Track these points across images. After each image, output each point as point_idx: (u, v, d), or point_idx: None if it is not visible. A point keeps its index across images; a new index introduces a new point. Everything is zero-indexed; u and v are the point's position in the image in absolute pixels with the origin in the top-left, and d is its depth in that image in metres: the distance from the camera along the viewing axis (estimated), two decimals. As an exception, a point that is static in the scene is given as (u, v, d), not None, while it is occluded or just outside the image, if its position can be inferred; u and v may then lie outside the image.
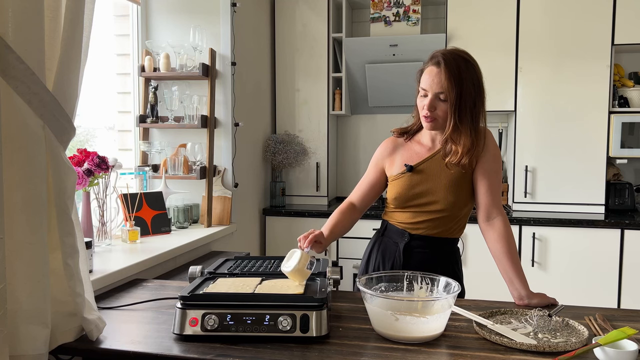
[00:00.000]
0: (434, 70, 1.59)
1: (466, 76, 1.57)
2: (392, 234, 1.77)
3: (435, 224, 1.69)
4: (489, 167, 1.66)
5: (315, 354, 1.22)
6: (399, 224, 1.75)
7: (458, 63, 1.57)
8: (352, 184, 4.01)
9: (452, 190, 1.65)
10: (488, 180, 1.66)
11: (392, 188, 1.74)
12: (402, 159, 1.74)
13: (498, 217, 1.65)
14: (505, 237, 1.62)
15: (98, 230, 2.19)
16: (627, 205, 3.32)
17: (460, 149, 1.60)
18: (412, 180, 1.69)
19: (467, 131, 1.60)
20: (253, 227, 3.40)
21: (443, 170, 1.66)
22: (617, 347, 1.15)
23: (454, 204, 1.67)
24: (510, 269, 1.59)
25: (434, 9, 3.77)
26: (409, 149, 1.75)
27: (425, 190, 1.68)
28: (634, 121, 3.18)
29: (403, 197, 1.70)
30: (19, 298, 1.20)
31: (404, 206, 1.72)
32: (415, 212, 1.70)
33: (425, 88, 1.60)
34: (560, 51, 3.24)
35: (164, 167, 2.80)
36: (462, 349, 1.25)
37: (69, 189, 1.31)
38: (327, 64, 3.60)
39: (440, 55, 1.59)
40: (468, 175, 1.67)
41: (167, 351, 1.24)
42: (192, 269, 1.58)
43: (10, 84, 1.17)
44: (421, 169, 1.69)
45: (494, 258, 1.65)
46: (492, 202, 1.66)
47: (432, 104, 1.59)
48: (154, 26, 2.95)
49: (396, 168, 1.74)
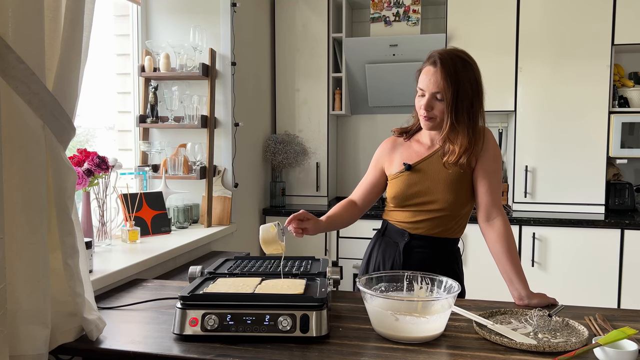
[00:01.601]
0: (430, 70, 1.59)
1: (463, 76, 1.57)
2: (392, 233, 1.77)
3: (435, 224, 1.69)
4: (488, 167, 1.66)
5: (315, 354, 1.22)
6: (399, 223, 1.75)
7: (455, 62, 1.57)
8: (352, 184, 4.01)
9: (451, 189, 1.65)
10: (488, 180, 1.66)
11: (391, 187, 1.74)
12: (401, 158, 1.74)
13: (498, 217, 1.65)
14: (505, 237, 1.62)
15: (98, 230, 2.19)
16: (627, 205, 3.32)
17: (457, 148, 1.60)
18: (411, 179, 1.69)
19: (464, 131, 1.60)
20: (253, 227, 3.40)
21: (442, 169, 1.66)
22: (617, 347, 1.15)
23: (454, 204, 1.66)
24: (510, 269, 1.59)
25: (434, 9, 3.77)
26: (408, 148, 1.76)
27: (424, 190, 1.68)
28: (634, 121, 3.18)
29: (401, 196, 1.70)
30: (19, 298, 1.20)
31: (402, 205, 1.72)
32: (415, 211, 1.70)
33: (423, 88, 1.61)
34: (560, 51, 3.24)
35: (164, 167, 2.80)
36: (462, 349, 1.25)
37: (69, 189, 1.31)
38: (327, 64, 3.60)
39: (437, 55, 1.59)
40: (468, 175, 1.67)
41: (167, 351, 1.24)
42: (192, 269, 1.58)
43: (10, 84, 1.17)
44: (420, 168, 1.69)
45: (494, 258, 1.65)
46: (492, 202, 1.66)
47: (429, 103, 1.60)
48: (154, 26, 2.95)
49: (395, 167, 1.75)
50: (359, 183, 1.85)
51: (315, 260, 1.75)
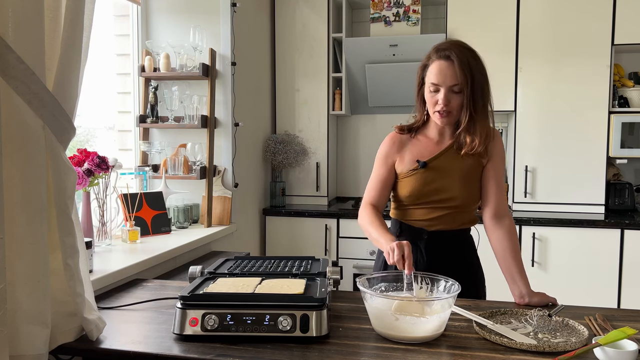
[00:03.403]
0: (443, 64, 1.59)
1: (474, 65, 1.59)
2: (409, 232, 1.74)
3: (451, 219, 1.69)
4: (499, 167, 1.70)
5: (315, 354, 1.22)
6: (415, 221, 1.72)
7: (465, 54, 1.59)
8: (352, 184, 4.02)
9: (466, 184, 1.67)
10: (497, 179, 1.70)
11: (405, 185, 1.71)
12: (411, 155, 1.72)
13: (507, 215, 1.68)
14: (512, 235, 1.65)
15: (98, 230, 2.19)
16: (627, 205, 3.32)
17: (477, 138, 1.62)
18: (427, 177, 1.68)
19: (481, 119, 1.62)
20: (253, 227, 3.40)
21: (456, 165, 1.67)
22: (617, 347, 1.15)
23: (468, 199, 1.68)
24: (514, 266, 1.61)
25: (434, 9, 3.77)
26: (416, 144, 1.73)
27: (441, 187, 1.67)
28: (634, 121, 3.18)
29: (417, 194, 1.69)
30: (19, 298, 1.20)
31: (417, 203, 1.70)
32: (431, 207, 1.69)
33: (437, 82, 1.59)
34: (560, 51, 3.24)
35: (164, 167, 2.80)
36: (462, 349, 1.25)
37: (69, 189, 1.31)
38: (327, 64, 3.60)
39: (447, 48, 1.60)
40: (479, 171, 1.69)
41: (167, 351, 1.24)
42: (192, 269, 1.58)
43: (10, 84, 1.17)
44: (434, 165, 1.68)
45: (498, 256, 1.66)
46: (501, 201, 1.69)
47: (447, 97, 1.59)
48: (154, 26, 2.95)
49: (407, 164, 1.72)
50: (368, 185, 1.79)
51: (315, 260, 1.75)
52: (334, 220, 3.40)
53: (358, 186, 3.99)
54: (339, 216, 3.39)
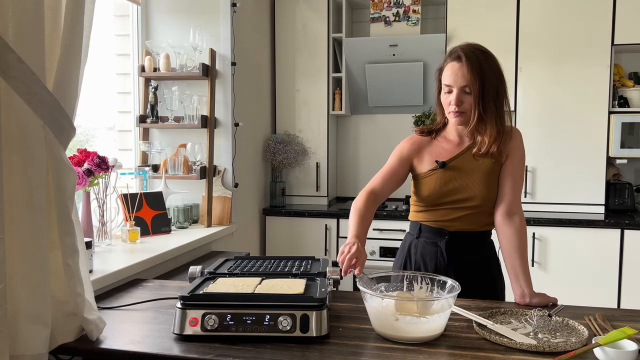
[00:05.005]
0: (455, 65, 1.61)
1: (486, 66, 1.61)
2: (428, 234, 1.73)
3: (471, 220, 1.69)
4: (517, 165, 1.69)
5: (315, 354, 1.22)
6: (435, 222, 1.72)
7: (477, 55, 1.61)
8: (352, 184, 4.01)
9: (485, 184, 1.67)
10: (514, 177, 1.69)
11: (424, 185, 1.71)
12: (430, 156, 1.72)
13: (519, 213, 1.68)
14: (522, 234, 1.65)
15: (98, 230, 2.19)
16: (627, 205, 3.32)
17: (487, 138, 1.62)
18: (445, 177, 1.68)
19: (492, 120, 1.62)
20: (253, 227, 3.40)
21: (476, 165, 1.67)
22: (617, 347, 1.15)
23: (488, 199, 1.68)
24: (519, 265, 1.61)
25: (434, 9, 3.77)
26: (436, 146, 1.74)
27: (460, 187, 1.67)
28: (634, 121, 3.18)
29: (436, 194, 1.69)
30: (19, 298, 1.20)
31: (436, 204, 1.70)
32: (450, 208, 1.69)
33: (450, 84, 1.62)
34: (560, 51, 3.24)
35: (164, 167, 2.80)
36: (462, 349, 1.25)
37: (69, 189, 1.31)
38: (327, 64, 3.60)
39: (460, 50, 1.62)
40: (497, 170, 1.69)
41: (167, 351, 1.24)
42: (192, 269, 1.58)
43: (10, 84, 1.17)
44: (453, 165, 1.68)
45: (504, 253, 1.66)
46: (515, 199, 1.68)
47: (459, 98, 1.60)
48: (154, 26, 2.95)
49: (426, 165, 1.72)
50: (376, 174, 1.76)
51: (315, 260, 1.75)
52: (334, 220, 3.40)
53: (358, 186, 3.99)
54: (339, 216, 3.39)
